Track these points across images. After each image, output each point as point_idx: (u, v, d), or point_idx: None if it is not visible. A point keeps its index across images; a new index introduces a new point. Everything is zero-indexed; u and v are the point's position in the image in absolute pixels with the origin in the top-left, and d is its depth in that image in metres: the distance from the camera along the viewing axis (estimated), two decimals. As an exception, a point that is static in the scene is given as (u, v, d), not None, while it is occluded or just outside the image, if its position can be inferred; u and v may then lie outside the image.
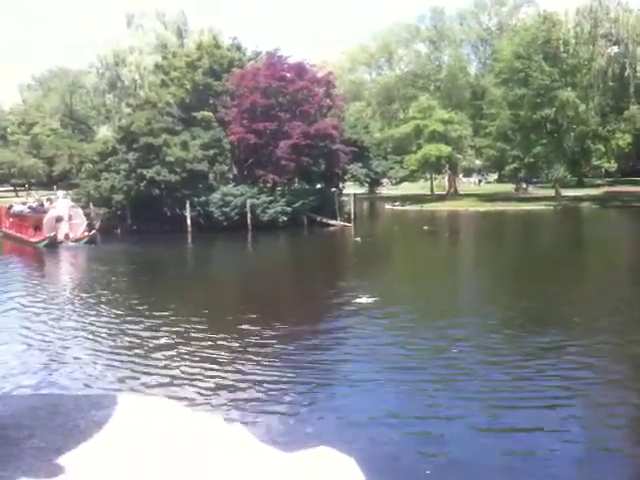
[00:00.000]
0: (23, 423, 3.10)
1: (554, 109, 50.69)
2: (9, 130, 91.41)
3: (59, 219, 32.25)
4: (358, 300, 15.29)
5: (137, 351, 11.51)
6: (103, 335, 12.92)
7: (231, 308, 16.34)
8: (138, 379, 9.74)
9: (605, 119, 53.84)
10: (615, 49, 50.70)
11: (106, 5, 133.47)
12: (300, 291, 18.43)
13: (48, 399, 3.29)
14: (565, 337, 11.70)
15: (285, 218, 36.36)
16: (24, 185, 77.59)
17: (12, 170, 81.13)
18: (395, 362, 10.46)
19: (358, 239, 31.63)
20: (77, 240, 31.81)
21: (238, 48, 44.51)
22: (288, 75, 38.63)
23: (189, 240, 34.01)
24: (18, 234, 33.41)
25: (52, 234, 31.08)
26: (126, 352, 11.48)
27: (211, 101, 40.27)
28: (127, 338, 12.61)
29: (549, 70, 49.98)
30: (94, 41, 69.65)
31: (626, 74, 49.27)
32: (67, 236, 31.81)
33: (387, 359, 10.64)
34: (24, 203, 36.38)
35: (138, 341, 12.28)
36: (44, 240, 31.05)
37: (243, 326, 13.18)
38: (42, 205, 35.08)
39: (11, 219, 35.05)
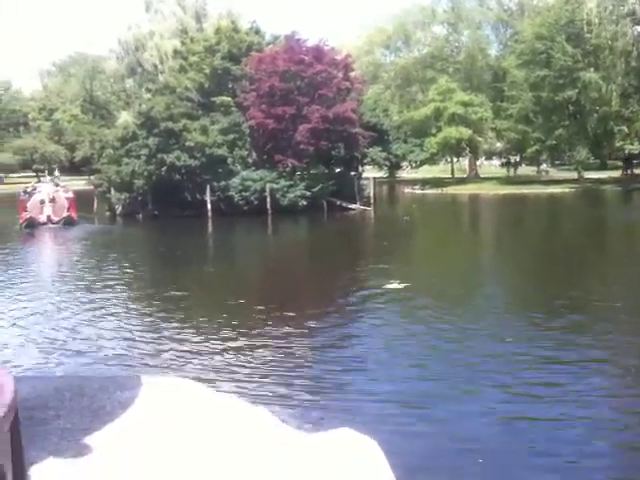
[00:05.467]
0: (49, 404, 3.16)
1: (576, 90, 49.93)
2: (30, 116, 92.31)
3: (42, 202, 34.30)
4: (388, 285, 14.97)
5: (162, 333, 11.59)
6: (125, 316, 13.06)
7: (257, 293, 16.33)
8: (163, 361, 9.82)
9: (628, 100, 52.99)
10: (639, 29, 49.78)
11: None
12: (326, 275, 18.05)
13: (73, 381, 3.35)
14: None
15: (304, 202, 36.30)
16: (43, 170, 78.37)
17: (34, 156, 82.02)
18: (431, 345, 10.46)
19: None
20: (57, 222, 33.74)
21: (257, 32, 44.31)
22: (306, 58, 38.38)
23: (209, 225, 34.17)
24: (18, 216, 34.98)
25: (29, 216, 33.39)
26: (151, 334, 11.58)
27: (230, 86, 40.20)
28: (150, 320, 12.74)
29: (572, 51, 49.22)
30: (113, 26, 69.58)
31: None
32: (49, 218, 33.87)
33: (423, 345, 10.55)
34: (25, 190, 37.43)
35: (162, 323, 12.37)
36: (25, 222, 33.40)
37: (267, 310, 13.14)
38: (35, 189, 36.61)
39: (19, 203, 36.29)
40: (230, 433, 2.91)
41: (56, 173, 48.89)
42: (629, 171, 55.99)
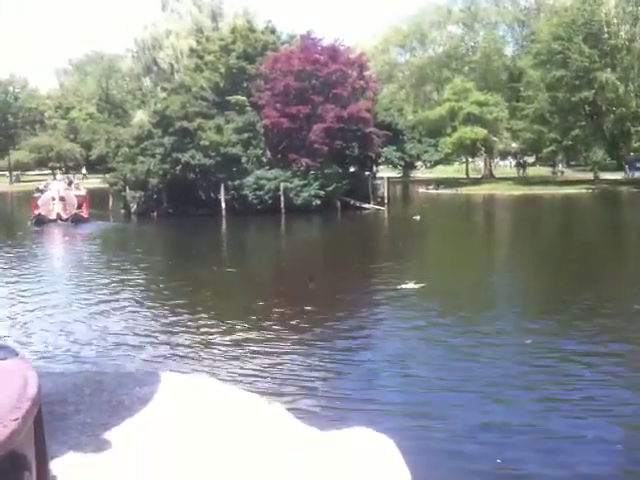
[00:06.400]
0: (68, 399, 3.20)
1: (593, 91, 49.59)
2: (47, 114, 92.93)
3: (53, 199, 34.87)
4: (404, 286, 14.87)
5: (179, 330, 11.68)
6: (144, 315, 13.15)
7: (271, 292, 16.34)
8: (181, 358, 9.90)
9: (645, 101, 52.53)
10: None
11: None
12: (341, 275, 17.98)
13: (92, 376, 3.38)
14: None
15: (318, 202, 36.32)
16: (61, 168, 78.87)
17: (50, 154, 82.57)
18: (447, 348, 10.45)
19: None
20: (66, 219, 34.22)
21: (272, 31, 44.40)
22: (321, 58, 38.40)
23: (223, 223, 34.27)
24: (31, 213, 35.72)
25: (38, 212, 34.10)
26: (168, 331, 11.67)
27: (245, 85, 40.29)
28: (166, 317, 12.82)
29: (589, 51, 48.86)
30: (129, 25, 69.95)
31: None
32: (59, 215, 34.35)
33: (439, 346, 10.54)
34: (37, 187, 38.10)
35: (179, 320, 12.45)
36: (34, 218, 34.04)
37: (284, 310, 13.16)
38: (47, 187, 37.24)
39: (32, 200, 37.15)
40: (247, 430, 2.93)
41: (83, 171, 49.90)
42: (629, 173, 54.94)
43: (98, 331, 11.73)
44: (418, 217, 32.84)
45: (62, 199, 34.85)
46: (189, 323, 12.16)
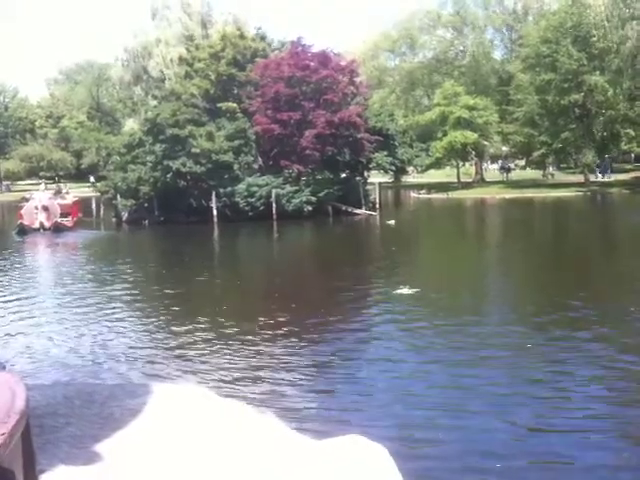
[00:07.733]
0: (59, 412, 3.17)
1: (582, 94, 49.91)
2: (37, 123, 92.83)
3: (36, 209, 34.98)
4: (398, 291, 14.84)
5: (169, 340, 11.61)
6: (133, 325, 13.07)
7: (263, 299, 16.29)
8: (172, 368, 9.81)
9: (634, 103, 52.90)
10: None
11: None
12: (335, 282, 17.75)
13: (83, 388, 3.36)
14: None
15: (310, 208, 36.31)
16: (53, 178, 78.69)
17: (41, 163, 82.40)
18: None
19: (392, 222, 32.71)
20: (48, 229, 34.24)
21: (262, 38, 44.47)
22: (312, 64, 38.49)
23: (215, 231, 34.20)
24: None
25: (19, 222, 34.40)
26: (157, 341, 11.60)
27: (235, 92, 40.32)
28: (157, 328, 12.74)
29: (577, 54, 49.18)
30: (119, 33, 70.03)
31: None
32: (42, 225, 34.38)
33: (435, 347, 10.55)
34: (24, 197, 38.48)
35: (168, 331, 12.38)
36: (17, 228, 34.36)
37: (277, 318, 13.04)
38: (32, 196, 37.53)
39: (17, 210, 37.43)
40: (239, 440, 2.91)
41: (91, 179, 50.68)
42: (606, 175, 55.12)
43: (87, 342, 11.61)
44: (392, 222, 32.94)
45: (45, 208, 34.81)
46: (180, 333, 12.05)
